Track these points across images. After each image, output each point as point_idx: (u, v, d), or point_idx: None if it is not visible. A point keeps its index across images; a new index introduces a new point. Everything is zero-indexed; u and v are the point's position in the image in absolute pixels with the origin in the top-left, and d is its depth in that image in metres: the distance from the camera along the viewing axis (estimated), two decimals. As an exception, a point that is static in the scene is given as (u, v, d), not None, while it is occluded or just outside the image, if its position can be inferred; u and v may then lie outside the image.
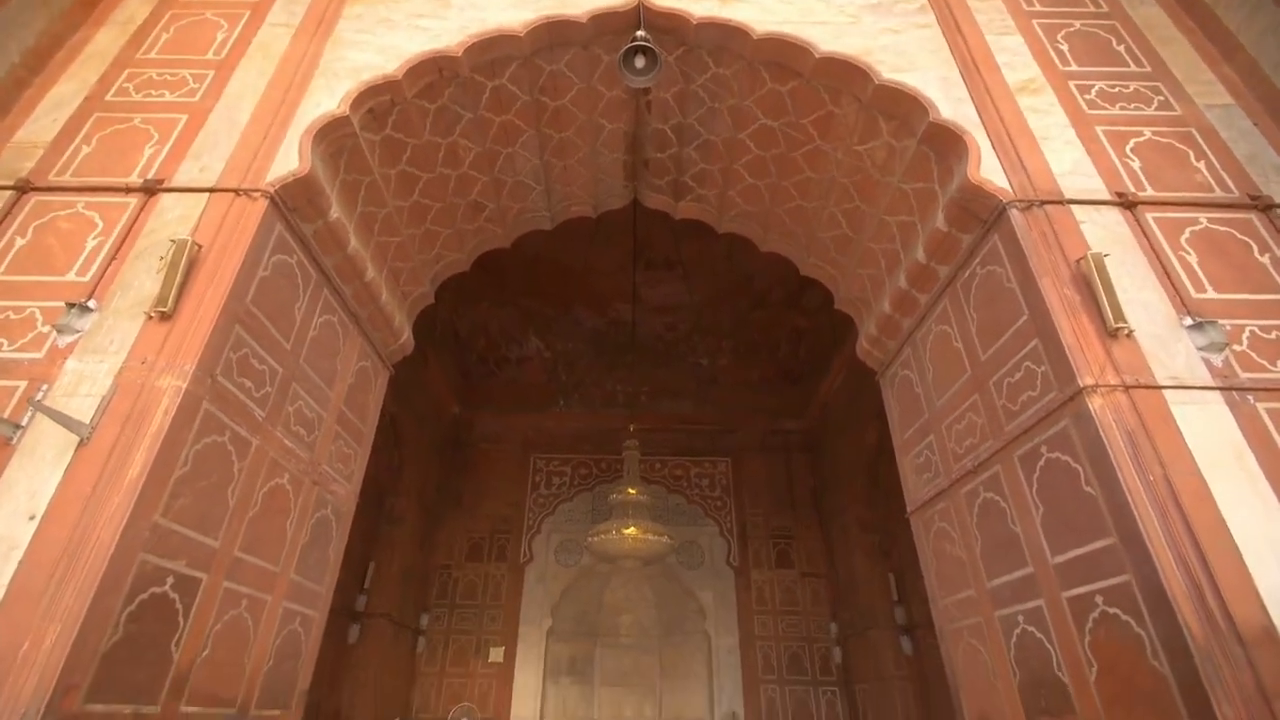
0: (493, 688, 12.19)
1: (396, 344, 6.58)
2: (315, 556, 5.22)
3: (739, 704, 12.22)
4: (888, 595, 11.34)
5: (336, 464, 5.55)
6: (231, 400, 4.20)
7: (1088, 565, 3.71)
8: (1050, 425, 4.02)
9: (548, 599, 13.13)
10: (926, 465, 5.51)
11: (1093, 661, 3.65)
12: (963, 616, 4.93)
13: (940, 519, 5.27)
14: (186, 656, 3.80)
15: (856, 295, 6.55)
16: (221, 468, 4.11)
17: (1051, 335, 4.02)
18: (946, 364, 5.20)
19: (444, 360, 14.28)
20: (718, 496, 14.11)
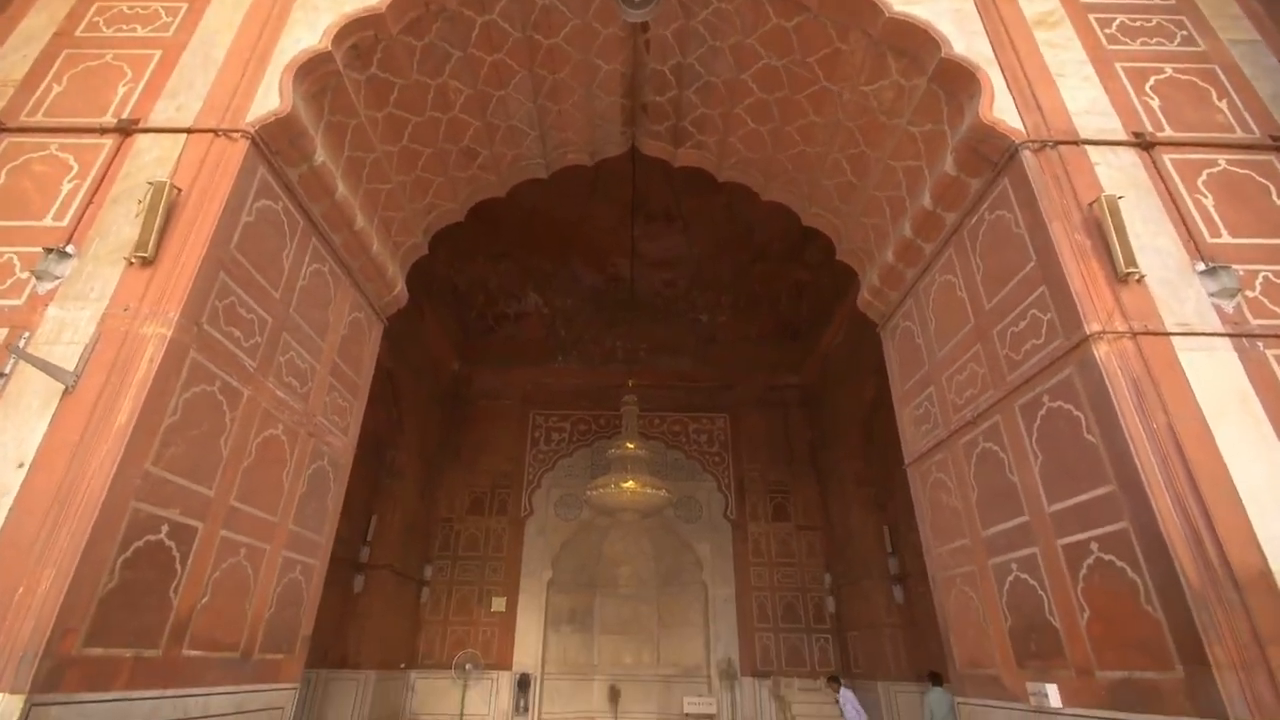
0: (495, 635, 12.53)
1: (390, 296, 6.45)
2: (313, 507, 5.22)
3: (734, 651, 12.58)
4: (882, 547, 11.53)
5: (332, 416, 5.51)
6: (220, 350, 4.11)
7: (1084, 513, 3.69)
8: (1054, 374, 3.95)
9: (548, 551, 13.36)
10: (925, 417, 5.47)
11: (1085, 607, 3.67)
12: (956, 565, 4.96)
13: (938, 470, 5.25)
14: (186, 603, 3.82)
15: (859, 245, 6.39)
16: (212, 417, 4.05)
17: (1059, 281, 3.90)
18: (949, 314, 5.09)
19: (442, 316, 14.16)
20: (716, 452, 14.20)
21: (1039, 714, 3.98)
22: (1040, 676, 3.98)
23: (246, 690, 4.34)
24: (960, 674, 4.88)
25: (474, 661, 11.94)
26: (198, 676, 3.91)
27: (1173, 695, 3.13)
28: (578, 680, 13.26)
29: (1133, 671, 3.36)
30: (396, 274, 6.43)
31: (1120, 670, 3.44)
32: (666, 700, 13.09)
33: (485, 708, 11.89)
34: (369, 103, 5.32)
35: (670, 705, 12.94)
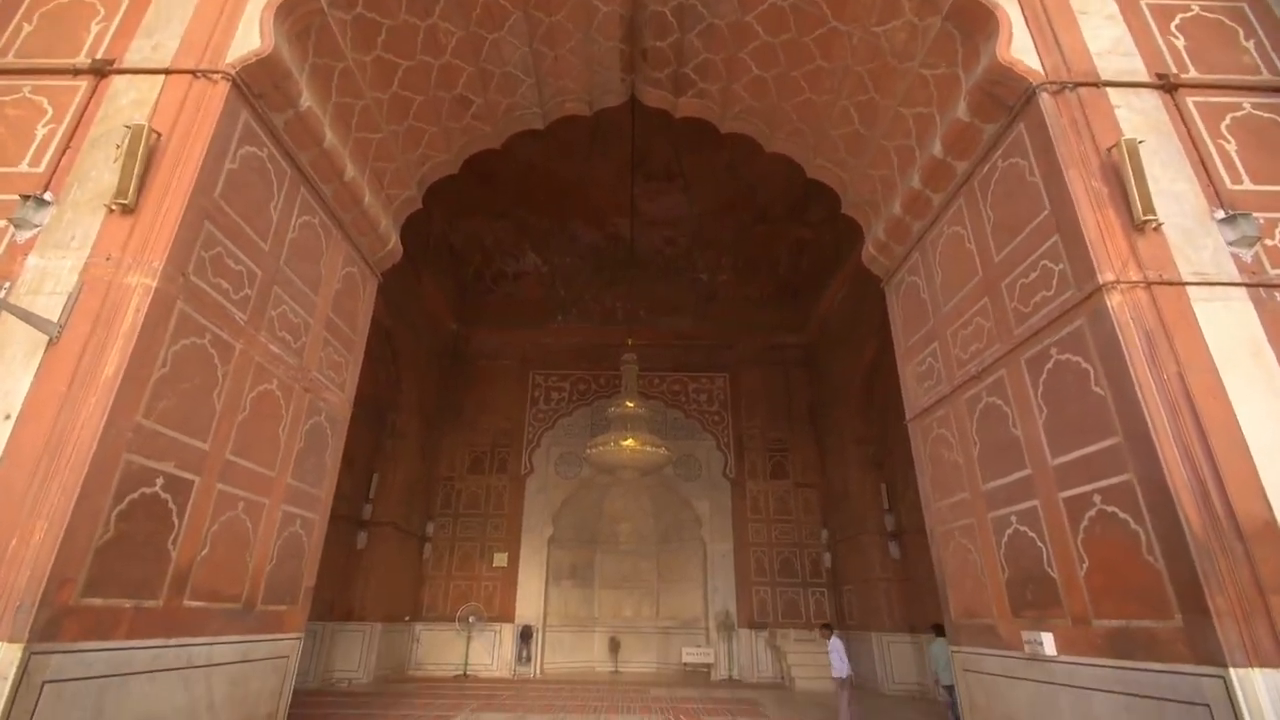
0: (498, 590, 12.76)
1: (384, 250, 6.29)
2: (312, 462, 5.19)
3: (732, 604, 12.84)
4: (878, 503, 11.64)
5: (328, 371, 5.43)
6: (208, 302, 3.99)
7: (1088, 465, 3.64)
8: (1063, 326, 3.84)
9: (548, 508, 13.50)
10: (929, 373, 5.39)
11: (1084, 558, 3.66)
12: (955, 518, 4.96)
13: (939, 425, 5.20)
14: (185, 555, 3.81)
15: (865, 198, 6.20)
16: (204, 370, 3.96)
17: (1074, 230, 3.76)
18: (956, 267, 4.96)
19: (439, 275, 13.95)
20: (715, 411, 14.21)
21: (1033, 661, 4.02)
22: (1036, 625, 4.01)
23: (251, 640, 4.38)
24: (956, 624, 4.93)
25: (477, 614, 12.19)
26: (200, 626, 3.93)
27: (1170, 643, 3.13)
28: (579, 632, 13.58)
29: (1130, 620, 3.36)
30: (390, 228, 6.25)
31: (1118, 619, 3.44)
32: (665, 651, 13.43)
33: (489, 658, 12.20)
34: (356, 45, 5.06)
35: (669, 655, 13.28)
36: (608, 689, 10.73)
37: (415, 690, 10.02)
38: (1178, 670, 3.07)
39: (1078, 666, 3.67)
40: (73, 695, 3.05)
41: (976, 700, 4.62)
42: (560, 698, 9.50)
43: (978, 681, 4.61)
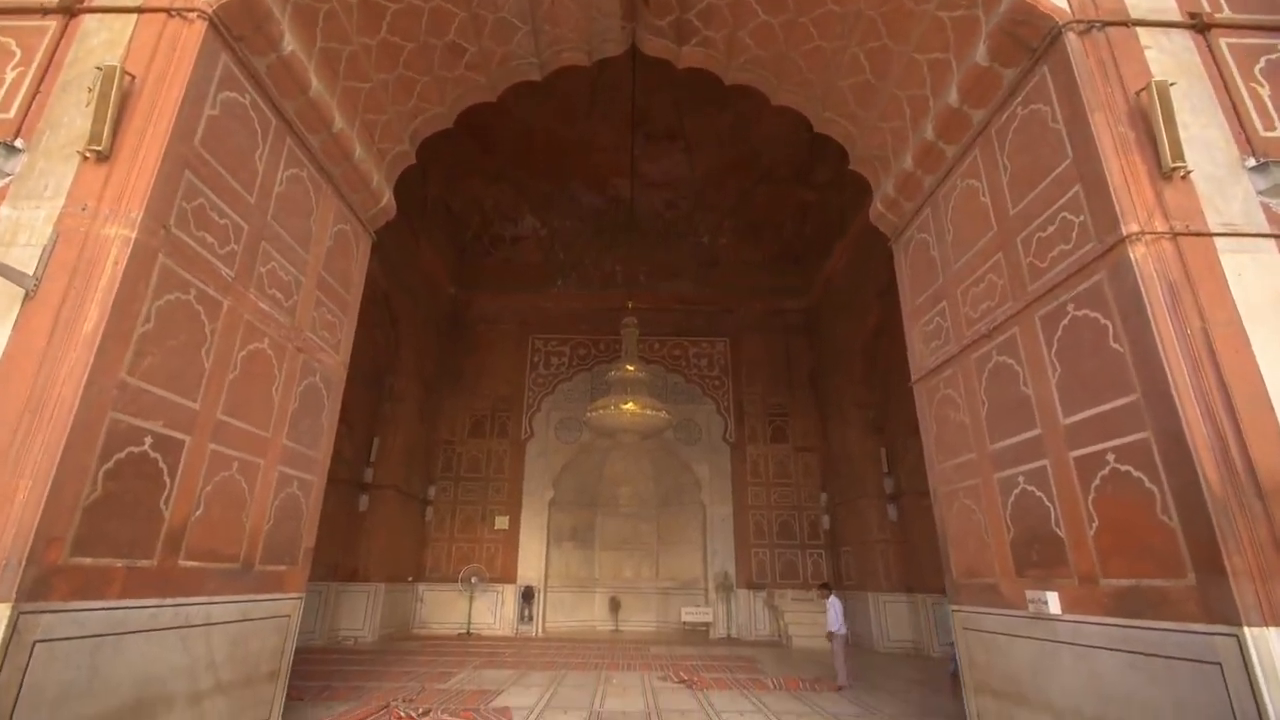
0: (499, 551, 12.86)
1: (377, 207, 6.07)
2: (307, 424, 5.08)
3: (731, 565, 12.97)
4: (878, 467, 11.63)
5: (321, 331, 5.28)
6: (192, 256, 3.81)
7: (1102, 424, 3.53)
8: (1081, 280, 3.68)
9: (549, 472, 13.52)
10: (936, 332, 5.24)
11: (1094, 517, 3.58)
12: (960, 479, 4.88)
13: (946, 386, 5.09)
14: (179, 514, 3.72)
15: (874, 153, 5.95)
16: (190, 327, 3.81)
17: (1097, 179, 3.57)
18: (969, 222, 4.77)
19: (437, 239, 13.68)
20: (716, 376, 14.12)
21: (1036, 620, 3.98)
22: (1040, 585, 3.96)
23: (250, 600, 4.34)
24: (956, 583, 4.90)
25: (479, 575, 12.31)
26: (197, 586, 3.87)
27: (1181, 602, 3.07)
28: (580, 592, 13.76)
29: (1140, 579, 3.30)
30: (382, 184, 6.02)
31: (1127, 578, 3.38)
32: (665, 610, 13.63)
33: (492, 617, 12.36)
34: (340, -16, 4.76)
35: (669, 615, 13.48)
36: (608, 647, 10.89)
37: (419, 648, 10.16)
38: (1189, 629, 3.01)
39: (1082, 625, 3.63)
40: (66, 654, 2.99)
41: (975, 658, 4.61)
42: (561, 655, 9.63)
43: (977, 639, 4.60)
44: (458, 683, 7.25)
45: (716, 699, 6.60)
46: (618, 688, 7.12)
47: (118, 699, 3.27)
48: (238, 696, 4.16)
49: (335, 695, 6.41)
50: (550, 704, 6.22)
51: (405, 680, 7.31)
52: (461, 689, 6.88)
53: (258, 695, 4.39)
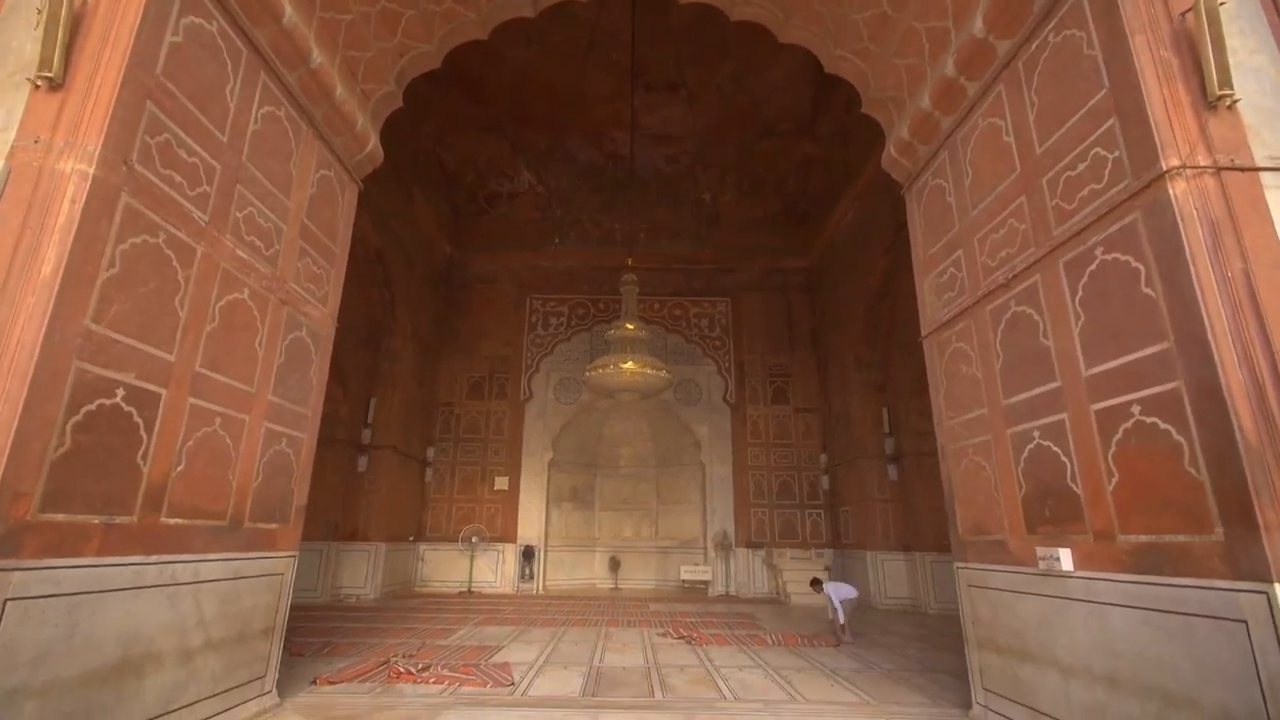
0: (499, 511, 12.88)
1: (363, 153, 5.74)
2: (295, 379, 4.88)
3: (730, 525, 13.01)
4: (879, 427, 11.54)
5: (306, 284, 5.03)
6: (160, 196, 3.54)
7: (1128, 375, 3.33)
8: (1113, 221, 3.43)
9: (548, 433, 13.44)
10: (950, 283, 5.00)
11: (1114, 472, 3.41)
12: (969, 435, 4.72)
13: (958, 339, 4.88)
14: (158, 470, 3.55)
15: (889, 93, 5.60)
16: (161, 274, 3.57)
17: (1136, 110, 3.28)
18: (990, 164, 4.48)
19: (431, 195, 13.28)
20: (716, 336, 13.91)
21: (1046, 577, 3.86)
22: (1053, 541, 3.83)
23: (240, 557, 4.22)
24: (962, 540, 4.79)
25: (479, 535, 12.34)
26: (184, 544, 3.73)
27: (1205, 558, 2.92)
28: (580, 551, 13.84)
29: (1161, 535, 3.15)
30: (368, 127, 5.68)
31: (1146, 534, 3.23)
32: (664, 569, 13.74)
33: (493, 575, 12.45)
34: (312, -100, 4.35)
35: (668, 573, 13.60)
36: (608, 604, 10.97)
37: (420, 605, 10.22)
38: (1212, 585, 2.87)
39: (1095, 582, 3.51)
40: (41, 613, 2.85)
41: (980, 614, 4.53)
42: (562, 612, 9.68)
43: (982, 596, 4.51)
44: (458, 639, 7.26)
45: (715, 654, 6.60)
46: (617, 644, 7.13)
47: (101, 657, 3.16)
48: (230, 653, 4.08)
49: (336, 651, 6.40)
50: (550, 659, 6.21)
51: (406, 637, 7.31)
52: (462, 645, 6.88)
53: (252, 652, 4.31)
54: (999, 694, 4.28)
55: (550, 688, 5.16)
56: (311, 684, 5.12)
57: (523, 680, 5.36)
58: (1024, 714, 4.00)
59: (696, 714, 4.49)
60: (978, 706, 4.47)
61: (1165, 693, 3.08)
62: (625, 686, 5.24)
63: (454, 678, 5.32)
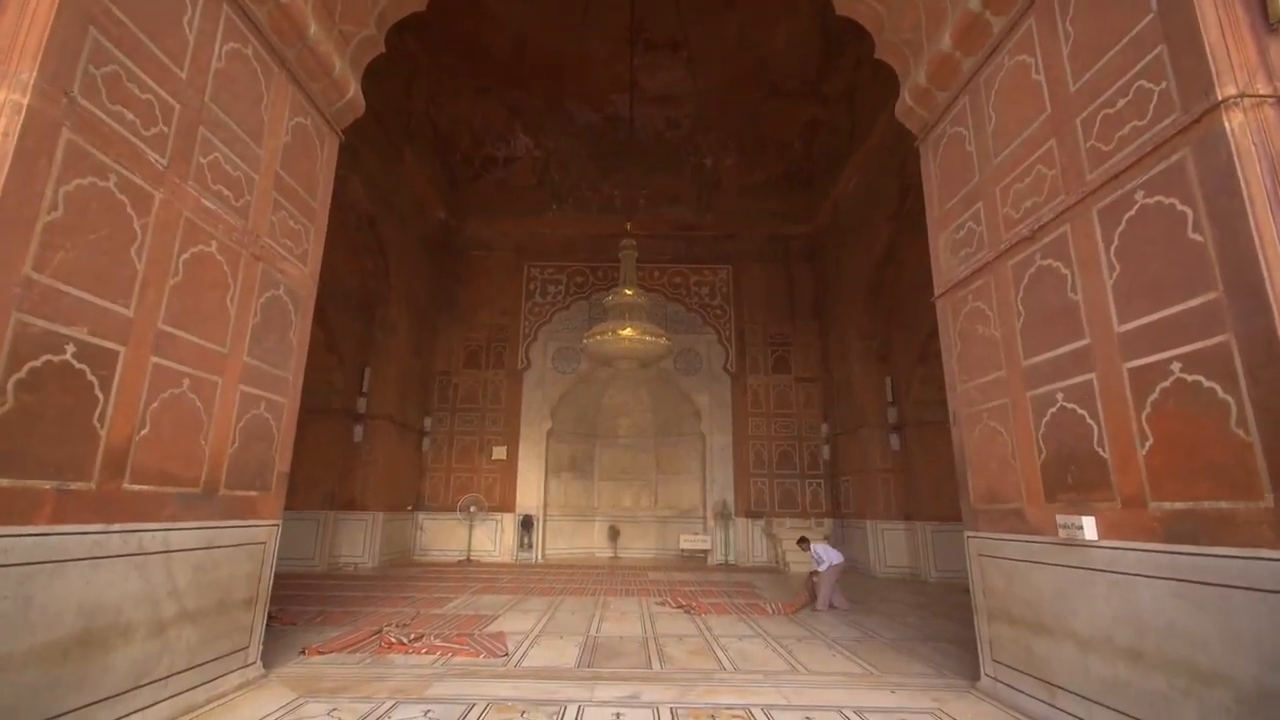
0: (498, 481, 12.71)
1: (342, 100, 5.34)
2: (273, 341, 4.59)
3: (730, 494, 12.86)
4: (881, 397, 11.29)
5: (283, 240, 4.70)
6: (109, 135, 3.20)
7: (1168, 329, 3.03)
8: (1157, 161, 3.09)
9: (546, 403, 13.20)
10: (967, 239, 4.67)
11: (1148, 435, 3.14)
12: (985, 400, 4.44)
13: (975, 298, 4.56)
14: (118, 433, 3.28)
15: (905, 36, 5.18)
16: (114, 220, 3.24)
17: (1188, 33, 2.92)
18: (1017, 106, 4.11)
19: (424, 159, 12.81)
20: (717, 304, 13.57)
21: (1066, 546, 3.63)
22: (1075, 509, 3.58)
23: (217, 526, 3.98)
24: (974, 509, 4.55)
25: (478, 504, 12.19)
26: (151, 511, 3.49)
27: (1249, 525, 2.66)
28: (579, 521, 13.73)
29: (1199, 502, 2.89)
30: (347, 73, 5.27)
31: (1182, 501, 2.97)
32: (664, 538, 13.65)
33: (491, 545, 12.34)
34: None
35: (667, 542, 13.51)
36: (607, 573, 10.86)
37: (419, 574, 10.11)
38: (1258, 555, 2.62)
39: (1121, 551, 3.27)
40: (-13, 584, 2.61)
41: (991, 584, 4.31)
42: (560, 581, 9.56)
43: (994, 566, 4.29)
44: (454, 608, 7.11)
45: (714, 624, 6.44)
46: (615, 613, 6.98)
47: (61, 630, 2.93)
48: (209, 625, 3.87)
49: (329, 620, 6.24)
50: (546, 629, 6.05)
51: (402, 606, 7.16)
52: (458, 614, 6.73)
53: (232, 623, 4.11)
54: (1010, 666, 4.08)
55: (545, 658, 4.98)
56: (300, 654, 4.95)
57: (517, 651, 5.19)
58: (1037, 686, 3.81)
59: (695, 685, 4.31)
60: (986, 678, 4.29)
61: (1194, 667, 2.86)
62: (622, 657, 5.07)
63: (447, 648, 5.15)
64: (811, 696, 4.12)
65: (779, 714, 3.77)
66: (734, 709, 3.85)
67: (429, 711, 3.72)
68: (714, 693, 4.17)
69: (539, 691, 4.12)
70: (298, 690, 4.10)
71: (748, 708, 3.88)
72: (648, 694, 4.11)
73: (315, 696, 3.98)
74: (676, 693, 4.15)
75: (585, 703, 3.91)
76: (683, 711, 3.79)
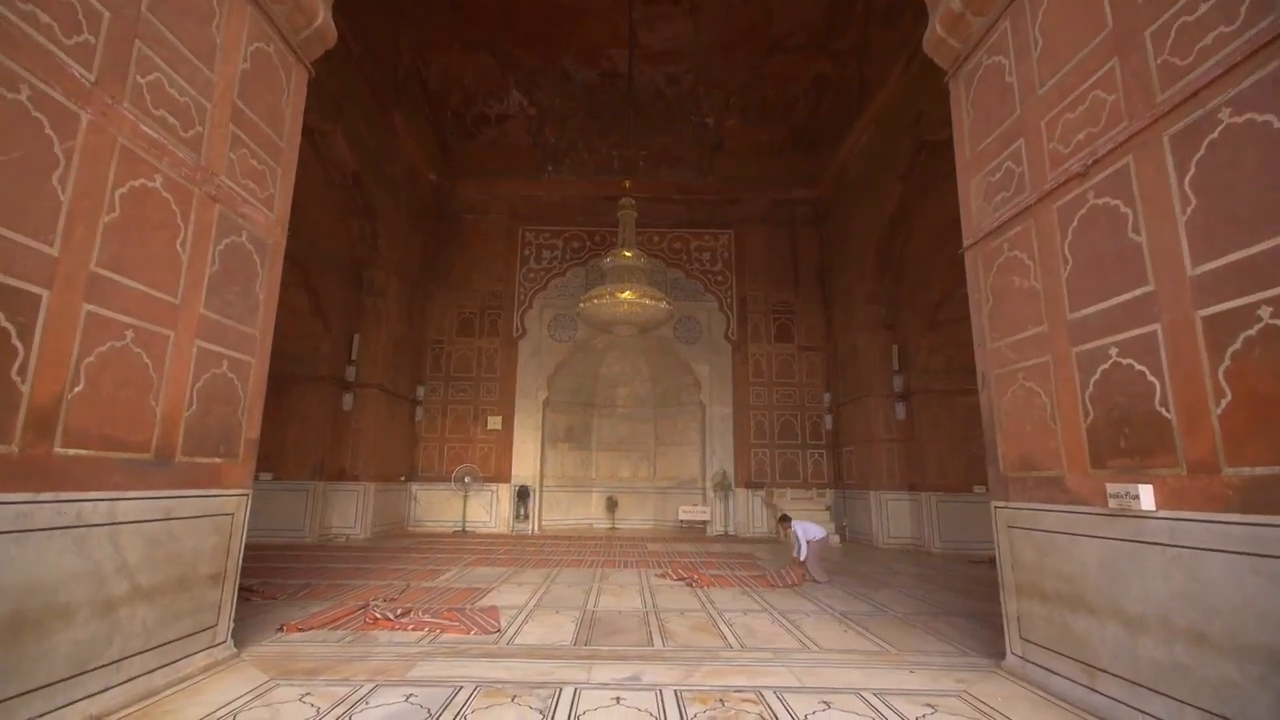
0: (493, 451, 12.36)
1: (309, 28, 4.77)
2: (236, 293, 4.11)
3: (730, 465, 12.54)
4: (888, 365, 10.89)
5: (244, 181, 4.19)
6: (16, 37, 2.67)
7: (1258, 269, 2.58)
8: (1250, 71, 2.61)
9: (542, 372, 12.78)
10: (1005, 182, 4.19)
11: (1226, 391, 2.72)
12: (1020, 358, 4.01)
13: (1012, 247, 4.10)
14: (45, 390, 2.83)
15: (936, -45, 4.61)
16: (28, 141, 2.74)
17: (1305, -93, 2.41)
18: (1070, 25, 3.59)
19: (413, 118, 12.13)
20: (719, 271, 13.07)
21: (1113, 517, 3.24)
22: (1128, 477, 3.18)
23: (174, 496, 3.56)
24: (1004, 476, 4.16)
25: (472, 475, 11.85)
26: (92, 479, 3.06)
27: (1355, 495, 2.26)
28: (576, 492, 13.43)
29: (1288, 467, 2.48)
30: (314, -3, 4.69)
31: (1265, 466, 2.57)
32: (662, 509, 13.38)
33: (487, 515, 12.04)
34: None
35: (666, 513, 13.24)
36: (605, 544, 10.58)
37: (412, 545, 9.80)
38: (1367, 528, 2.22)
39: (1184, 523, 2.88)
40: (-128, 562, 2.19)
41: (1022, 558, 3.95)
42: (556, 552, 9.26)
43: (1026, 539, 3.91)
44: (446, 580, 6.78)
45: (717, 596, 6.12)
46: (614, 585, 6.66)
47: (-19, 613, 2.53)
48: (168, 603, 3.48)
49: (314, 594, 5.90)
50: (541, 603, 5.71)
51: (392, 578, 6.83)
52: (449, 587, 6.39)
53: (196, 600, 3.72)
54: (1040, 645, 3.74)
55: (540, 635, 4.64)
56: (278, 631, 4.59)
57: (510, 627, 4.84)
58: (1074, 668, 3.46)
59: (700, 665, 3.97)
60: (1013, 657, 3.95)
61: (1273, 653, 2.49)
62: (622, 633, 4.73)
63: (435, 624, 4.80)
64: (826, 677, 3.78)
65: (793, 697, 3.43)
66: (743, 691, 3.50)
67: (411, 696, 3.36)
68: (720, 673, 3.83)
69: (532, 672, 3.77)
70: (270, 671, 3.73)
71: (758, 690, 3.53)
72: (649, 675, 3.76)
73: (289, 678, 3.62)
74: (680, 673, 3.80)
75: (582, 685, 3.56)
76: (688, 695, 3.45)
